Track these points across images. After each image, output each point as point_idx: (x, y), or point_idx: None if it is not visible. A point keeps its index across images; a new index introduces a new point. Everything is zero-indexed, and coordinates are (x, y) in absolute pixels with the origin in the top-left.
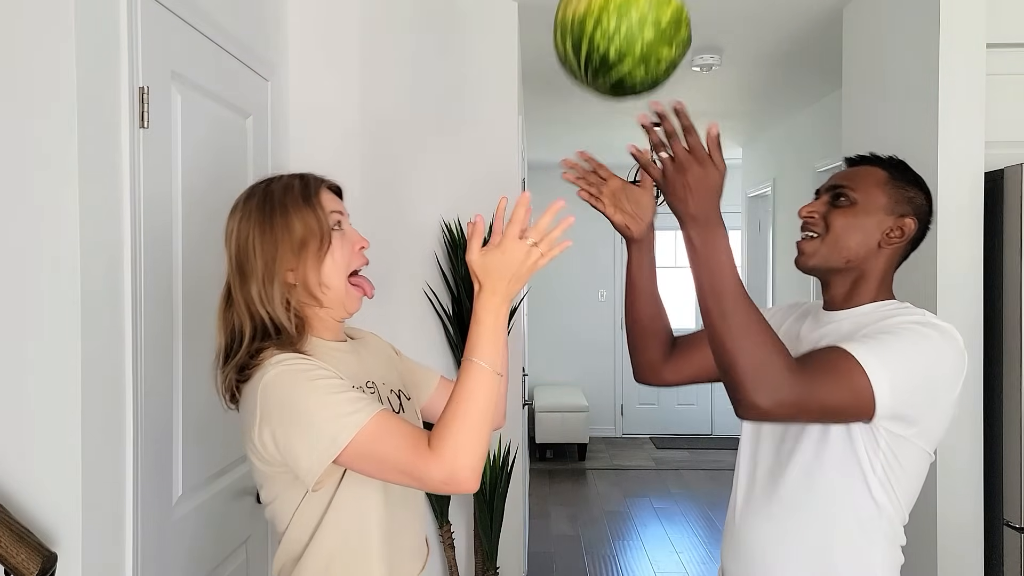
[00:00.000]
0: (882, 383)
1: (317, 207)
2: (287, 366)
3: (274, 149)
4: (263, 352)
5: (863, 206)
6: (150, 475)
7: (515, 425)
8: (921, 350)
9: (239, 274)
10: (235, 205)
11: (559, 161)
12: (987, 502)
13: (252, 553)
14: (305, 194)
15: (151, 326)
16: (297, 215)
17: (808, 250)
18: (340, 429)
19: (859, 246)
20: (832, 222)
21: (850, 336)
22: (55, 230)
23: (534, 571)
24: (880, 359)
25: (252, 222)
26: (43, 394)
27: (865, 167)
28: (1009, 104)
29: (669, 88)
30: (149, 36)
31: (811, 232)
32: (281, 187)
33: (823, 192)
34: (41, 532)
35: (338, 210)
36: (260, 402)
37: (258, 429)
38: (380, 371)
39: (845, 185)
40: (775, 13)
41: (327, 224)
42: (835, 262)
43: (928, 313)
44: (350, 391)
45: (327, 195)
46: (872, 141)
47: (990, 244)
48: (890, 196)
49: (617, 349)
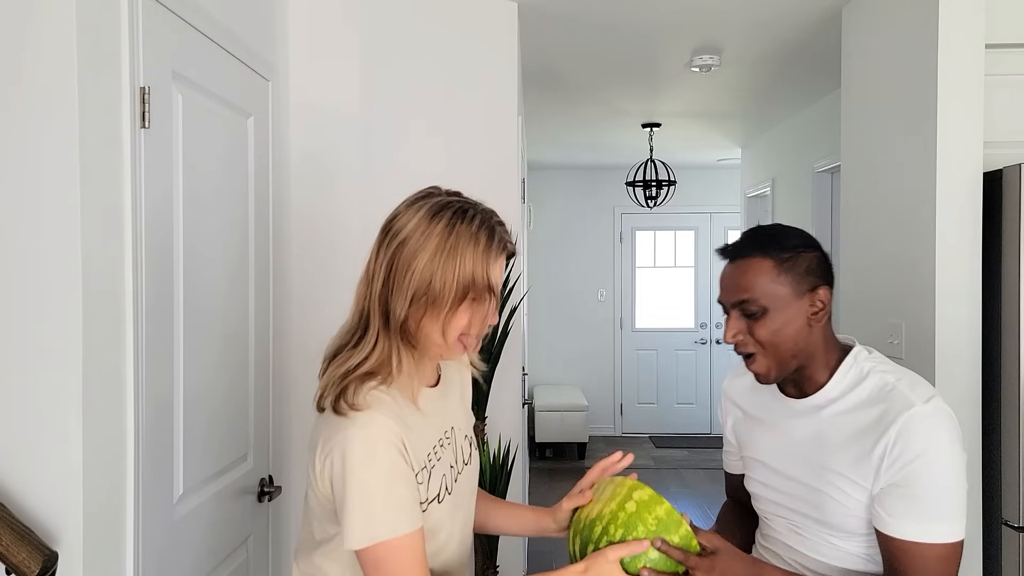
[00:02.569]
0: (963, 531)
1: (491, 273)
2: (369, 435)
3: (275, 149)
4: (365, 384)
5: (774, 307)
6: (151, 474)
7: (515, 424)
8: (959, 478)
9: (385, 280)
10: (416, 204)
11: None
12: (986, 501)
13: (253, 552)
14: (487, 256)
15: (152, 325)
16: (472, 269)
17: (762, 370)
18: (385, 523)
19: (795, 340)
20: (759, 337)
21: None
22: (56, 230)
23: (534, 570)
24: (950, 521)
25: (426, 246)
26: (44, 393)
27: (747, 262)
28: (1008, 104)
29: (669, 88)
30: (150, 36)
31: (748, 352)
32: (469, 234)
33: (729, 308)
34: (42, 531)
35: (498, 289)
36: (333, 450)
37: (321, 475)
38: (459, 414)
39: (746, 299)
40: (775, 13)
41: (485, 294)
42: (789, 364)
43: (912, 381)
44: (412, 490)
45: (500, 264)
46: (871, 141)
47: (989, 244)
48: (789, 282)
49: (617, 349)
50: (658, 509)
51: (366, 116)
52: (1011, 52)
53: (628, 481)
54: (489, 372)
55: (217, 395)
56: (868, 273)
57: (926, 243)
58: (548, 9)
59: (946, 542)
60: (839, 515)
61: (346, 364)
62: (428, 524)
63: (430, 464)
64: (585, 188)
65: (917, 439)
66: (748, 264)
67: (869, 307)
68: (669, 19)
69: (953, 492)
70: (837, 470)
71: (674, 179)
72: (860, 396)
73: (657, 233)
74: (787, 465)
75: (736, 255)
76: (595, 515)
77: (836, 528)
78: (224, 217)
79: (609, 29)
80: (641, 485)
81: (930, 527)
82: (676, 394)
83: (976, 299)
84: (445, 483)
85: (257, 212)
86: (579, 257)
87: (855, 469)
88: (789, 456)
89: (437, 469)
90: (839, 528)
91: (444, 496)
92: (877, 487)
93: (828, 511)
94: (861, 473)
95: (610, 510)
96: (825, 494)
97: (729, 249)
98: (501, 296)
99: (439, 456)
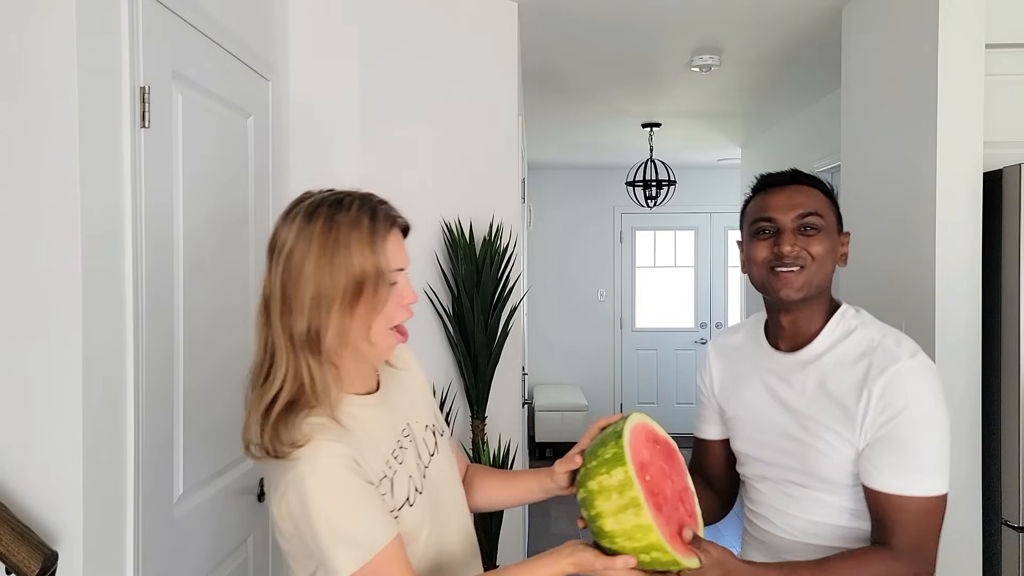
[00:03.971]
0: (947, 484)
1: (381, 256)
2: (320, 466)
3: (275, 149)
4: (297, 416)
5: (826, 231)
6: (151, 473)
7: (515, 424)
8: (943, 432)
9: (282, 299)
10: (292, 213)
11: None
12: (986, 501)
13: (253, 551)
14: (372, 238)
15: (152, 325)
16: (360, 259)
17: (797, 282)
18: (363, 544)
19: (828, 273)
20: (813, 251)
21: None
22: (56, 229)
23: None
24: (934, 473)
25: (311, 249)
26: (44, 393)
27: (806, 188)
28: (1008, 104)
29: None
30: (150, 36)
31: (794, 266)
32: (349, 221)
33: (790, 223)
34: (42, 531)
35: (401, 267)
36: (288, 489)
37: (281, 519)
38: (414, 409)
39: (814, 211)
40: (775, 13)
41: (388, 279)
42: (815, 290)
43: (897, 337)
44: (378, 503)
45: (394, 241)
46: (871, 141)
47: (989, 244)
48: (835, 217)
49: (617, 349)
50: (672, 566)
51: (366, 116)
52: (1011, 52)
53: (651, 534)
54: (489, 372)
55: (217, 395)
56: (868, 272)
57: (926, 243)
58: (548, 9)
59: (930, 495)
60: (825, 466)
61: (262, 403)
62: (404, 529)
63: (391, 471)
64: (585, 188)
65: (902, 393)
66: (808, 190)
67: (869, 306)
68: (669, 19)
69: (936, 446)
70: (824, 423)
71: (674, 179)
72: (847, 351)
73: (657, 233)
74: (774, 418)
75: (795, 181)
76: (607, 531)
77: (823, 480)
78: (224, 217)
79: (609, 29)
80: (662, 545)
81: (915, 480)
82: (676, 394)
83: (976, 299)
84: (413, 484)
85: (257, 212)
86: (579, 257)
87: (841, 422)
88: (777, 409)
89: (400, 474)
90: (825, 480)
91: (415, 498)
92: (863, 441)
93: (813, 462)
94: (847, 426)
95: (623, 546)
96: (810, 446)
97: (784, 177)
98: (501, 296)
99: (400, 460)
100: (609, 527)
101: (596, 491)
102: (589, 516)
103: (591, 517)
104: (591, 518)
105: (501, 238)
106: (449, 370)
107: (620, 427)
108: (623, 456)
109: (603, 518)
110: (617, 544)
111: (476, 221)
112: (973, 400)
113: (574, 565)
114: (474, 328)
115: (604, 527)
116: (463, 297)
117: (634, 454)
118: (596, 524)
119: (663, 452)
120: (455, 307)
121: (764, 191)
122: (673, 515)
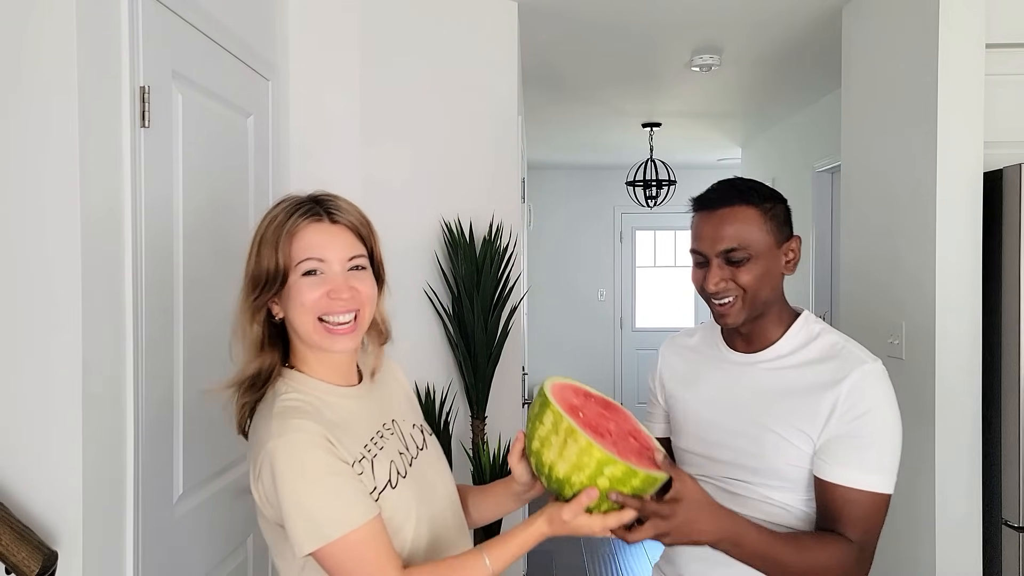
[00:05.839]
0: (892, 487)
1: (280, 251)
2: (289, 440)
3: (275, 149)
4: (266, 397)
5: (757, 254)
6: (151, 473)
7: (515, 424)
8: (897, 435)
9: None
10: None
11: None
12: (986, 501)
13: (253, 552)
14: (277, 233)
15: (151, 325)
16: (265, 252)
17: (738, 314)
18: (331, 522)
19: (772, 286)
20: (743, 282)
21: (834, 426)
22: (56, 229)
23: (534, 570)
24: (889, 473)
25: (253, 240)
26: (44, 393)
27: (732, 211)
28: (1008, 104)
29: (670, 87)
30: (150, 36)
31: (726, 299)
32: (270, 217)
33: (713, 257)
34: (42, 531)
35: (315, 257)
36: (262, 468)
37: (258, 488)
38: (401, 408)
39: (735, 247)
40: (774, 13)
41: (284, 272)
42: (757, 311)
43: (858, 344)
44: (352, 482)
45: (311, 235)
46: (871, 141)
47: (989, 244)
48: (771, 230)
49: (616, 349)
50: (633, 481)
51: (366, 115)
52: (1011, 52)
53: (594, 451)
54: (489, 372)
55: (217, 395)
56: (868, 272)
57: (926, 243)
58: (548, 8)
59: (881, 492)
60: (779, 461)
61: (235, 380)
62: (387, 512)
63: (370, 454)
64: (585, 188)
65: (869, 393)
66: (734, 213)
67: (869, 307)
68: (669, 18)
69: (892, 448)
70: (784, 419)
71: (674, 179)
72: (811, 353)
73: (657, 233)
74: (728, 417)
75: (721, 204)
76: (562, 477)
77: (774, 477)
78: (224, 217)
79: (609, 28)
80: (610, 459)
81: (870, 476)
82: None
83: (976, 299)
84: (395, 468)
85: (257, 212)
86: (579, 257)
87: (803, 419)
88: (732, 408)
89: (380, 457)
90: (777, 475)
91: (397, 480)
92: (823, 439)
93: (768, 457)
94: (809, 423)
95: (580, 481)
96: (766, 442)
97: (713, 198)
98: (501, 296)
99: (380, 446)
100: (562, 471)
101: (539, 447)
102: (546, 477)
103: (548, 476)
104: (548, 477)
105: (501, 238)
106: (449, 370)
107: (542, 387)
108: (548, 401)
109: (554, 468)
110: (575, 485)
111: (476, 221)
112: (973, 400)
113: (546, 523)
114: (474, 328)
115: (559, 474)
116: (463, 297)
117: (561, 400)
118: (552, 478)
119: (598, 402)
120: (455, 307)
121: (698, 213)
122: (625, 445)
